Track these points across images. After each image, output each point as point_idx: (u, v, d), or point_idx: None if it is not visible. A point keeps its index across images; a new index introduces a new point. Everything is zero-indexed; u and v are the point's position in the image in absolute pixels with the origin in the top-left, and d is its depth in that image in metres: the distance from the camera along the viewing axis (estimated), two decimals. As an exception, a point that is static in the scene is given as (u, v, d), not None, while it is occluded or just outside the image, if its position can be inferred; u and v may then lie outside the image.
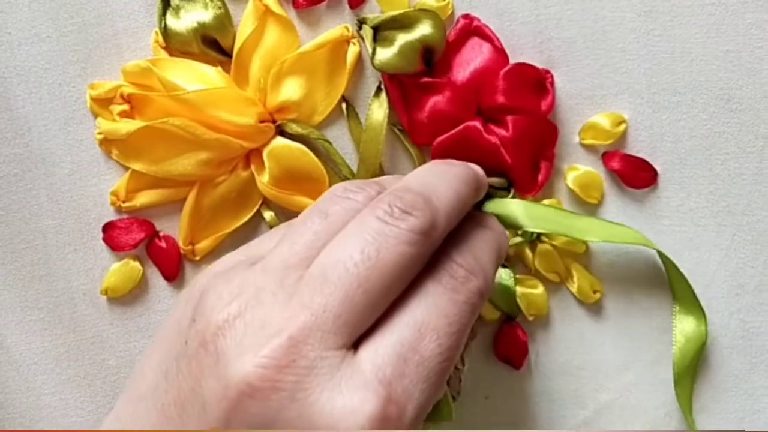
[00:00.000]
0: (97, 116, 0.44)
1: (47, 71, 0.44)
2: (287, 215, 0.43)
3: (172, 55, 0.43)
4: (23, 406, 0.46)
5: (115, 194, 0.44)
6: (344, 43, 0.42)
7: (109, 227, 0.44)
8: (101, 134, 0.43)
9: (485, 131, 0.43)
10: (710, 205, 0.44)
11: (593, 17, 0.42)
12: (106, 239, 0.45)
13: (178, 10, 0.42)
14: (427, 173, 0.35)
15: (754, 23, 0.42)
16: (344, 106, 0.43)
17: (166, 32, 0.42)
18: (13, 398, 0.46)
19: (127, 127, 0.42)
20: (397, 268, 0.31)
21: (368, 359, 0.30)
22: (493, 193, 0.42)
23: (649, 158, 0.43)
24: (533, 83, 0.43)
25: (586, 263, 0.45)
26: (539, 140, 0.43)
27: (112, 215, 0.45)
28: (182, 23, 0.42)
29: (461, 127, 0.43)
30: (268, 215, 0.44)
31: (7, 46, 0.43)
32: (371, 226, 0.31)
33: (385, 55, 0.41)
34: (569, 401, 0.46)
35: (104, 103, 0.43)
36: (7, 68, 0.44)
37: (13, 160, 0.44)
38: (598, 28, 0.43)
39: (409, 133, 0.43)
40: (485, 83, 0.42)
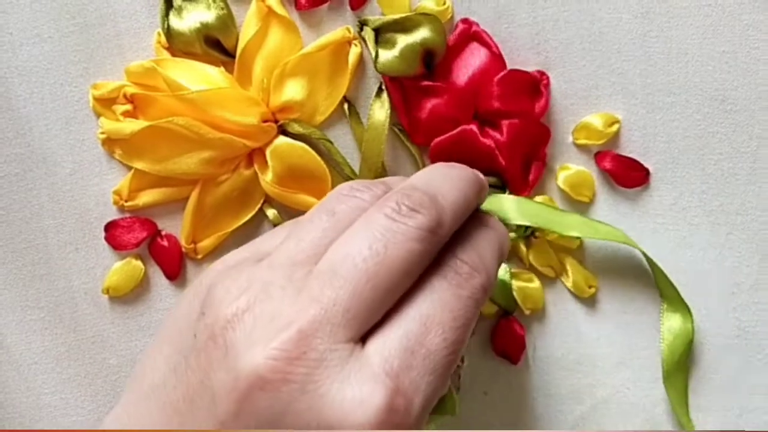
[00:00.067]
0: (99, 116, 0.44)
1: (49, 71, 0.43)
2: (290, 214, 0.44)
3: (174, 55, 0.43)
4: (23, 405, 0.46)
5: (117, 193, 0.44)
6: (346, 44, 0.42)
7: (111, 226, 0.44)
8: (104, 134, 0.43)
9: (481, 134, 0.43)
10: (703, 204, 0.44)
11: (590, 19, 0.43)
12: (108, 238, 0.45)
13: (180, 10, 0.42)
14: (432, 174, 0.36)
15: (750, 24, 0.42)
16: (346, 106, 0.43)
17: (169, 32, 0.42)
18: (13, 398, 0.46)
19: (131, 126, 0.42)
20: (404, 264, 0.31)
21: (376, 352, 0.30)
22: (489, 191, 0.42)
23: (641, 158, 0.44)
24: (527, 87, 0.43)
25: (580, 258, 0.45)
26: (532, 142, 0.44)
27: (113, 215, 0.45)
28: (185, 23, 0.42)
29: (458, 129, 0.43)
30: (271, 213, 0.44)
31: (8, 46, 0.43)
32: (379, 222, 0.32)
33: (386, 57, 0.42)
34: (567, 396, 0.46)
35: (107, 103, 0.43)
36: (8, 68, 0.43)
37: (14, 159, 0.44)
38: (594, 29, 0.43)
39: (409, 133, 0.44)
40: (482, 88, 0.43)
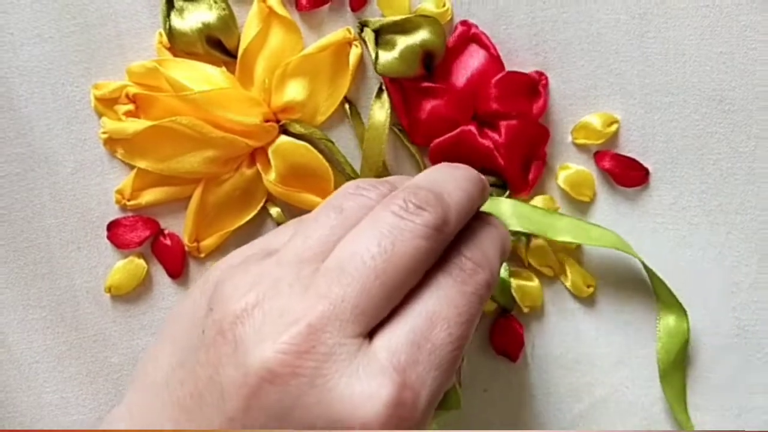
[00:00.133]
0: (101, 116, 0.44)
1: (50, 71, 0.43)
2: (293, 212, 0.44)
3: (176, 55, 0.43)
4: (24, 404, 0.46)
5: (120, 192, 0.44)
6: (346, 45, 0.43)
7: (114, 225, 0.44)
8: (106, 133, 0.43)
9: (480, 135, 0.43)
10: (702, 203, 0.44)
11: (588, 19, 0.43)
12: (111, 237, 0.45)
13: (182, 11, 0.43)
14: (437, 173, 0.36)
15: (748, 25, 0.42)
16: (347, 106, 0.44)
17: (171, 33, 0.43)
18: (14, 397, 0.46)
19: (134, 126, 0.42)
20: (412, 261, 0.32)
21: (383, 347, 0.31)
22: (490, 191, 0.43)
23: (640, 158, 0.44)
24: (525, 89, 0.43)
25: (579, 258, 0.45)
26: (531, 143, 0.44)
27: (115, 214, 0.45)
28: (187, 24, 0.42)
29: (457, 131, 0.43)
30: (274, 211, 0.44)
31: (9, 46, 0.43)
32: (386, 220, 0.32)
33: (386, 58, 0.42)
34: (565, 395, 0.46)
35: (109, 103, 0.43)
36: (9, 68, 0.43)
37: (15, 159, 0.44)
38: (593, 30, 0.43)
39: (408, 133, 0.44)
40: (481, 89, 0.43)
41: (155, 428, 0.32)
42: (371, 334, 0.31)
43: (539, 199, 0.45)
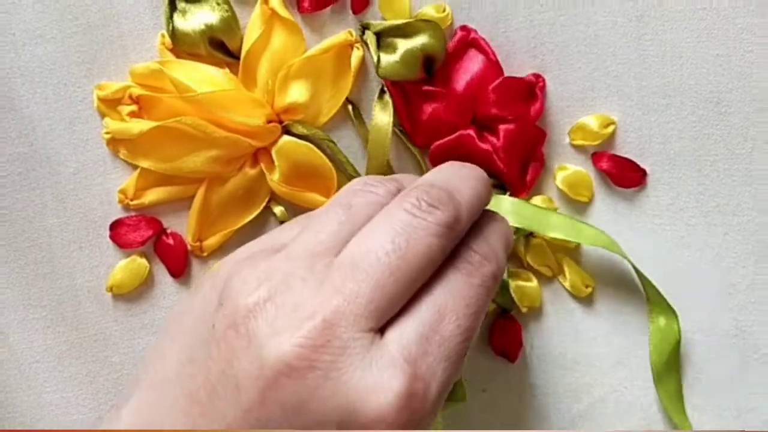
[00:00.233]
0: (104, 116, 0.44)
1: (52, 72, 0.43)
2: (297, 212, 0.44)
3: (178, 56, 0.43)
4: (25, 404, 0.46)
5: (123, 192, 0.44)
6: (348, 47, 0.43)
7: (116, 225, 0.45)
8: (109, 134, 0.43)
9: (479, 139, 0.44)
10: (700, 205, 0.44)
11: (586, 22, 0.43)
12: (114, 237, 0.45)
13: (184, 12, 0.43)
14: (447, 172, 0.36)
15: (744, 27, 0.42)
16: (350, 107, 0.44)
17: (174, 34, 0.43)
18: (14, 396, 0.46)
19: (138, 126, 0.42)
20: (424, 259, 0.32)
21: (394, 340, 0.31)
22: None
23: (637, 159, 0.44)
24: (523, 93, 0.44)
25: (577, 258, 0.46)
26: (528, 145, 0.44)
27: (117, 213, 0.45)
28: (189, 25, 0.42)
29: (456, 134, 0.44)
30: (278, 210, 0.45)
31: (11, 46, 0.43)
32: (400, 218, 0.33)
33: (388, 61, 0.42)
34: (564, 395, 0.46)
35: (111, 103, 0.43)
36: (11, 69, 0.43)
37: (17, 159, 0.44)
38: (590, 32, 0.43)
39: (410, 135, 0.44)
40: (480, 94, 0.43)
41: (166, 422, 0.32)
42: (383, 328, 0.32)
43: (537, 199, 0.45)
